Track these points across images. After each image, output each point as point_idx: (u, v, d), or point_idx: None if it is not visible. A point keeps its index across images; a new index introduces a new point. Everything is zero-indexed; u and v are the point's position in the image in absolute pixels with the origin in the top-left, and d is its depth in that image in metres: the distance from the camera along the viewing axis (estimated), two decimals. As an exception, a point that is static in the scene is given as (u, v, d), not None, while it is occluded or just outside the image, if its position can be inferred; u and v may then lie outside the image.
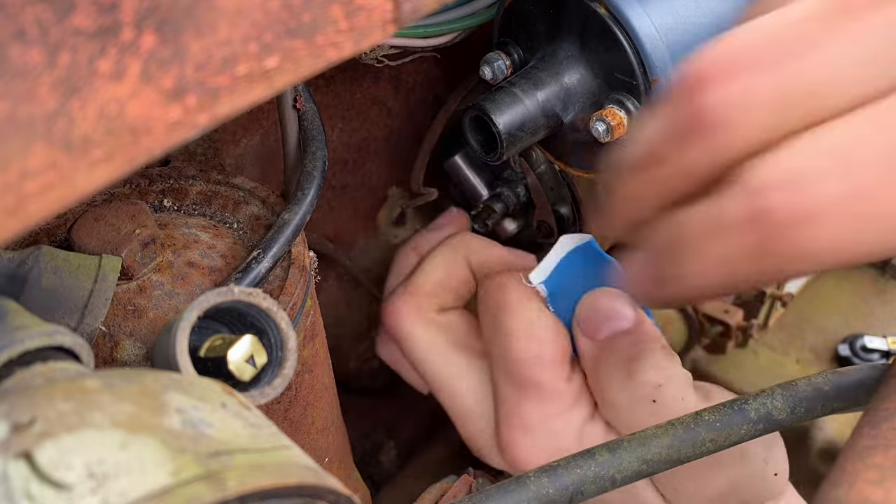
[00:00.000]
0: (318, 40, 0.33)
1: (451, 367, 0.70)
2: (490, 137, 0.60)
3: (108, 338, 0.50)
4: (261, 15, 0.31)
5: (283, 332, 0.45)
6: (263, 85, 0.32)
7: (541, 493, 0.48)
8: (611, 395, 0.63)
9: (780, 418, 0.51)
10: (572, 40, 0.60)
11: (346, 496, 0.35)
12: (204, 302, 0.43)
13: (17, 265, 0.46)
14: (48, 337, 0.37)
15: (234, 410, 0.36)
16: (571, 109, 0.61)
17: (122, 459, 0.31)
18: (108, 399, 0.33)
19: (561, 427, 0.64)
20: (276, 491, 0.33)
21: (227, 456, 0.32)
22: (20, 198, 0.27)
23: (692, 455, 0.51)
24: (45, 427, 0.31)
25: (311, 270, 0.58)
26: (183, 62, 0.30)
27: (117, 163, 0.30)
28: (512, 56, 0.63)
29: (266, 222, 0.58)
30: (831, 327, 1.26)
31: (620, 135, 0.58)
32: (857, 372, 0.51)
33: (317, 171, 0.57)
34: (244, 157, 0.70)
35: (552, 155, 0.66)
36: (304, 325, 0.56)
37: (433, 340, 0.70)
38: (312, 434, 0.61)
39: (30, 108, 0.27)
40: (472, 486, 0.67)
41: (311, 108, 0.60)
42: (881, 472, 0.39)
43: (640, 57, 0.57)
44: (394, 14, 0.35)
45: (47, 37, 0.26)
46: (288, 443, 0.37)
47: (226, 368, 0.43)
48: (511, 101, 0.59)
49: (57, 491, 0.30)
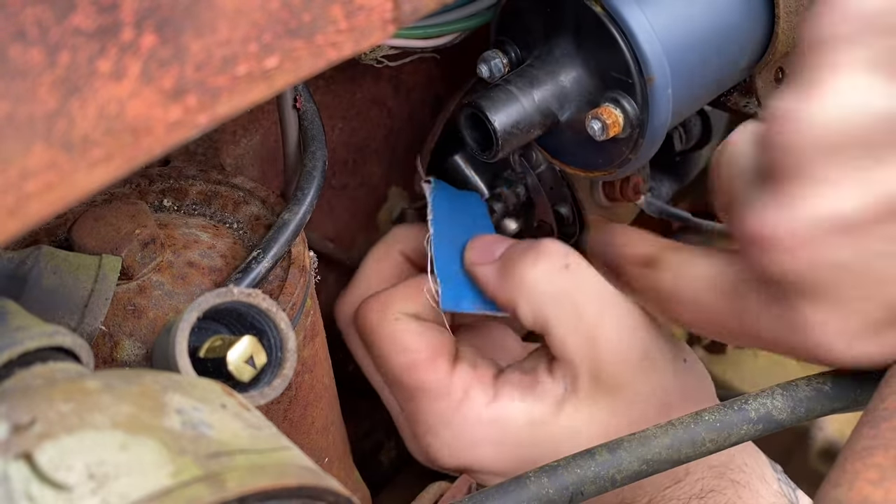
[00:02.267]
0: (318, 40, 0.33)
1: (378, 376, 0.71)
2: (486, 135, 0.60)
3: (107, 338, 0.50)
4: (261, 15, 0.31)
5: (283, 333, 0.45)
6: (263, 85, 0.32)
7: (541, 493, 0.48)
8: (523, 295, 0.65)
9: (780, 418, 0.51)
10: (568, 39, 0.60)
11: (345, 497, 0.35)
12: (203, 303, 0.43)
13: (17, 265, 0.46)
14: (48, 337, 0.37)
15: (233, 411, 0.36)
16: (567, 108, 0.61)
17: (123, 460, 0.31)
18: (108, 400, 0.33)
19: (462, 419, 0.65)
20: (276, 492, 0.33)
21: (227, 457, 0.32)
22: (20, 198, 0.27)
23: (692, 455, 0.51)
24: (45, 428, 0.31)
25: (311, 270, 0.58)
26: (183, 62, 0.30)
27: (117, 163, 0.30)
28: (509, 54, 0.63)
29: (266, 222, 0.58)
30: (831, 327, 1.26)
31: (615, 133, 0.58)
32: (857, 372, 0.51)
33: (317, 171, 0.57)
34: (244, 157, 0.70)
35: (549, 153, 0.66)
36: (304, 325, 0.56)
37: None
38: (312, 434, 0.61)
39: (30, 108, 0.27)
40: (472, 486, 0.67)
41: (311, 108, 0.60)
42: (881, 472, 0.39)
43: (635, 55, 0.57)
44: (394, 14, 0.35)
45: (47, 37, 0.26)
46: (288, 443, 0.37)
47: (225, 369, 0.43)
48: (507, 99, 0.59)
49: (57, 492, 0.30)
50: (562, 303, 0.64)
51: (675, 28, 0.58)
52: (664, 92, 0.57)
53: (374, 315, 0.67)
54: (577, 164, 0.65)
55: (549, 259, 0.64)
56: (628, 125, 0.59)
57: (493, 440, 0.65)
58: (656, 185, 0.86)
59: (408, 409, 0.68)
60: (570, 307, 0.63)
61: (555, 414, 0.64)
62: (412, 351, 0.66)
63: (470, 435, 0.65)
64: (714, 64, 0.60)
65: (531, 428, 0.65)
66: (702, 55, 0.59)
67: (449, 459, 0.67)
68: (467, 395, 0.66)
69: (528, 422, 0.65)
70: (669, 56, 0.57)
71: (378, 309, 0.67)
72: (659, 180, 0.87)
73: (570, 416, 0.64)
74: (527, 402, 0.65)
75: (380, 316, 0.67)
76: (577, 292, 0.64)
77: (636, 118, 0.58)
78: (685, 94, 0.59)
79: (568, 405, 0.64)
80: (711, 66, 0.60)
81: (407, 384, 0.66)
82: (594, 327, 0.63)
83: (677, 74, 0.58)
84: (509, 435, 0.65)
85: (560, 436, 0.64)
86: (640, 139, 0.59)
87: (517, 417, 0.65)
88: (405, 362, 0.66)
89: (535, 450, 0.65)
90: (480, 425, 0.65)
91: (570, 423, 0.64)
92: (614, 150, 0.62)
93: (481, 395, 0.66)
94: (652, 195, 0.83)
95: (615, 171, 0.63)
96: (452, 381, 0.66)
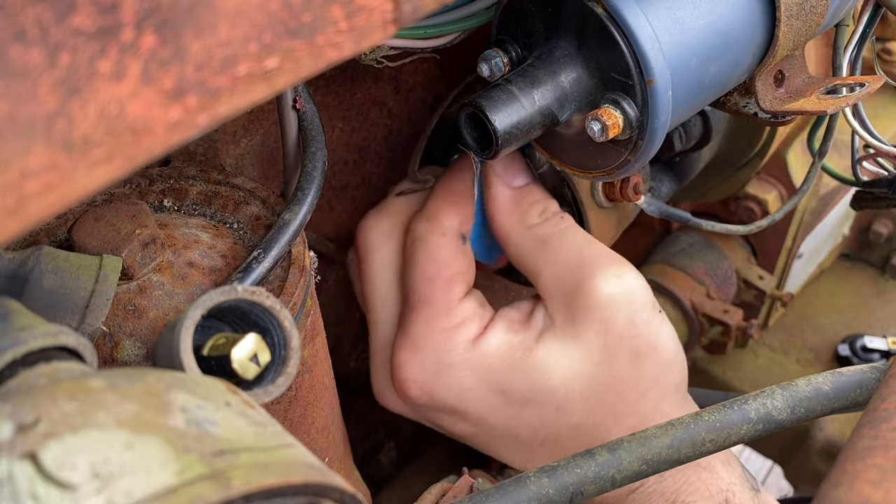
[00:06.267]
0: (318, 40, 0.33)
1: (385, 291, 0.75)
2: (486, 135, 0.60)
3: (108, 338, 0.50)
4: (261, 15, 0.31)
5: (287, 331, 0.45)
6: (263, 85, 0.32)
7: (541, 494, 0.48)
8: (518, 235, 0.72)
9: (780, 418, 0.51)
10: (569, 39, 0.60)
11: (350, 494, 0.35)
12: (207, 300, 0.43)
13: (19, 265, 0.46)
14: (52, 337, 0.37)
15: (238, 409, 0.36)
16: (567, 108, 0.61)
17: (127, 459, 0.31)
18: (113, 399, 0.33)
19: (445, 342, 0.70)
20: (282, 489, 0.33)
21: (231, 455, 0.32)
22: (20, 198, 0.27)
23: (692, 455, 0.51)
24: (49, 427, 0.31)
25: (311, 270, 0.58)
26: (183, 62, 0.30)
27: (117, 163, 0.30)
28: (510, 54, 0.63)
29: (266, 222, 0.58)
30: (831, 327, 1.26)
31: (615, 134, 0.58)
32: (856, 372, 0.52)
33: (317, 171, 0.57)
34: (244, 157, 0.70)
35: (548, 153, 0.66)
36: (305, 324, 0.57)
37: (384, 262, 0.75)
38: (312, 434, 0.61)
39: (30, 109, 0.27)
40: (472, 486, 0.67)
41: (311, 109, 0.60)
42: (881, 473, 0.39)
43: (636, 57, 0.56)
44: (394, 14, 0.35)
45: (47, 37, 0.26)
46: (292, 441, 0.37)
47: (229, 367, 0.43)
48: (507, 98, 0.59)
49: (62, 491, 0.30)
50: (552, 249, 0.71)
51: (677, 30, 0.58)
52: (664, 94, 0.57)
53: (424, 224, 0.72)
54: (577, 165, 0.65)
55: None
56: (628, 127, 0.59)
57: (470, 365, 0.69)
58: (656, 185, 0.86)
59: (406, 318, 0.72)
60: (558, 254, 0.71)
61: (532, 345, 0.69)
62: (441, 265, 0.70)
63: (448, 356, 0.69)
64: (715, 67, 0.60)
65: (508, 354, 0.69)
66: (702, 58, 0.59)
67: (413, 379, 0.70)
68: (463, 323, 0.70)
69: (507, 349, 0.69)
70: (670, 58, 0.57)
71: (430, 218, 0.72)
72: (659, 180, 0.87)
73: (545, 347, 0.69)
74: (510, 333, 0.70)
75: (429, 226, 0.72)
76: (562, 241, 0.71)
77: (636, 120, 0.58)
78: (685, 96, 0.59)
79: (547, 335, 0.70)
80: (712, 68, 0.60)
81: (419, 293, 0.71)
82: (577, 272, 0.70)
83: (678, 77, 0.58)
84: (488, 359, 0.69)
85: (531, 365, 0.69)
86: (639, 141, 0.59)
87: (499, 345, 0.70)
88: (431, 273, 0.70)
89: (508, 376, 0.69)
90: (462, 351, 0.69)
91: (545, 356, 0.69)
92: (614, 152, 0.62)
93: (475, 327, 0.70)
94: (652, 195, 0.83)
95: (615, 172, 0.63)
96: (458, 306, 0.70)
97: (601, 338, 0.68)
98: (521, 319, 0.71)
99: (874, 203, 0.86)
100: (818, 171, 0.85)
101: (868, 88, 0.65)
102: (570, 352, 0.69)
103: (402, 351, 0.71)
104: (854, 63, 0.73)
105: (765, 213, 1.05)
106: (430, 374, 0.70)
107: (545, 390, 0.69)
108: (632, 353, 0.69)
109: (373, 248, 0.75)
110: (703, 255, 1.12)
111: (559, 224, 0.71)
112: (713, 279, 1.11)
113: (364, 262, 0.76)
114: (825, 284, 1.31)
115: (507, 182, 0.73)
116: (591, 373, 0.68)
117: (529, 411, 0.70)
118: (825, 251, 1.25)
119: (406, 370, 0.70)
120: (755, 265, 1.14)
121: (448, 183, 0.73)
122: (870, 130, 0.75)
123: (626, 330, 0.68)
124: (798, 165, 1.04)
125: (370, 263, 0.75)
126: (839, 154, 1.03)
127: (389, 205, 0.76)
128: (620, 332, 0.68)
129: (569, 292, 0.69)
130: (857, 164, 0.80)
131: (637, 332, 0.69)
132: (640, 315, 0.69)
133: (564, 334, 0.69)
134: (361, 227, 0.76)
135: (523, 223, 0.72)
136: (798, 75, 0.67)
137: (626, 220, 0.84)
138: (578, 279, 0.69)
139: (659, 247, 1.15)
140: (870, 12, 0.71)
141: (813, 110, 0.65)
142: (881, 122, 1.11)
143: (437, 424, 0.74)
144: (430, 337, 0.70)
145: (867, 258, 1.33)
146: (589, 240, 0.71)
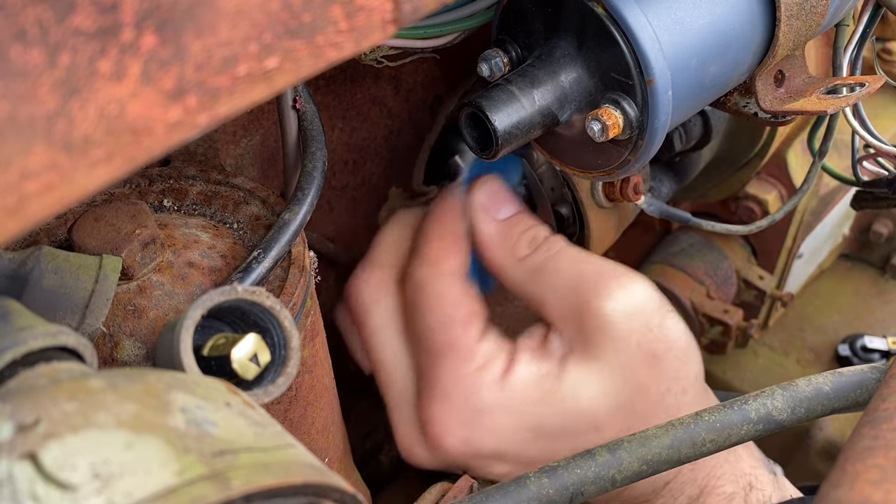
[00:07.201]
0: (318, 40, 0.33)
1: (393, 346, 0.72)
2: (486, 134, 0.60)
3: (108, 338, 0.50)
4: (261, 15, 0.31)
5: (287, 331, 0.45)
6: (263, 85, 0.32)
7: (541, 494, 0.48)
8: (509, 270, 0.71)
9: (780, 418, 0.51)
10: (570, 39, 0.60)
11: (350, 494, 0.35)
12: (207, 300, 0.43)
13: (18, 265, 0.46)
14: (52, 337, 0.37)
15: (238, 409, 0.36)
16: (567, 108, 0.61)
17: (127, 459, 0.31)
18: (113, 399, 0.33)
19: (474, 386, 0.67)
20: (282, 490, 0.32)
21: (231, 455, 0.32)
22: (20, 198, 0.27)
23: (692, 455, 0.51)
24: (49, 427, 0.31)
25: (311, 270, 0.58)
26: (183, 62, 0.30)
27: (117, 163, 0.30)
28: (510, 53, 0.63)
29: (266, 222, 0.58)
30: (831, 327, 1.26)
31: (615, 134, 0.58)
32: (857, 372, 0.52)
33: (317, 171, 0.57)
34: (244, 157, 0.70)
35: (548, 153, 0.66)
36: (305, 325, 0.56)
37: (385, 317, 0.73)
38: (312, 434, 0.61)
39: (30, 109, 0.27)
40: (473, 486, 0.67)
41: (311, 109, 0.60)
42: (881, 473, 0.39)
43: (636, 57, 0.56)
44: (394, 14, 0.35)
45: (47, 37, 0.26)
46: (292, 441, 0.37)
47: (229, 367, 0.43)
48: (507, 98, 0.59)
49: (62, 491, 0.30)
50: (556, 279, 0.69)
51: (677, 30, 0.58)
52: (664, 94, 0.57)
53: (424, 270, 0.70)
54: (577, 165, 0.65)
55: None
56: (628, 127, 0.59)
57: (503, 404, 0.67)
58: (656, 185, 0.86)
59: (427, 367, 0.69)
60: (561, 281, 0.69)
61: (558, 372, 0.68)
62: (453, 307, 0.68)
63: (480, 400, 0.67)
64: (715, 66, 0.60)
65: (538, 385, 0.67)
66: (703, 58, 0.59)
67: (448, 429, 0.68)
68: (488, 363, 0.68)
69: (536, 380, 0.68)
70: (670, 58, 0.57)
71: (430, 263, 0.70)
72: (659, 180, 0.87)
73: (570, 373, 0.67)
74: (534, 364, 0.68)
75: (430, 271, 0.70)
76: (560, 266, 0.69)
77: (636, 120, 0.58)
78: (685, 96, 0.59)
79: (569, 362, 0.68)
80: (712, 68, 0.60)
81: (436, 341, 0.68)
82: (581, 294, 0.68)
83: (678, 77, 0.58)
84: (520, 395, 0.67)
85: (562, 394, 0.67)
86: (639, 141, 0.59)
87: (527, 379, 0.68)
88: (443, 318, 0.68)
89: (542, 408, 0.67)
90: (492, 391, 0.67)
91: (573, 383, 0.67)
92: (614, 152, 0.62)
93: (500, 364, 0.68)
94: (652, 195, 0.83)
95: (615, 172, 0.63)
96: (479, 346, 0.68)
97: (620, 354, 0.67)
98: (538, 347, 0.70)
99: (874, 203, 0.86)
100: (818, 171, 0.85)
101: (868, 88, 0.65)
102: (594, 375, 0.67)
103: (432, 404, 0.68)
104: (854, 63, 0.73)
105: (765, 213, 1.05)
106: (465, 422, 0.68)
107: (579, 416, 0.68)
108: (650, 357, 0.68)
109: (370, 303, 0.73)
110: (703, 255, 1.12)
111: (550, 249, 0.70)
112: (713, 279, 1.11)
113: (364, 320, 0.73)
114: (825, 284, 1.31)
115: (493, 214, 0.72)
116: (616, 389, 0.67)
117: (566, 438, 0.68)
118: (825, 251, 1.25)
119: (440, 424, 0.68)
120: (755, 265, 1.14)
121: (439, 222, 0.72)
122: (870, 130, 0.75)
123: (642, 337, 0.68)
124: (798, 165, 1.04)
125: (371, 319, 0.73)
126: (839, 154, 1.03)
127: (376, 257, 0.74)
128: (638, 342, 0.67)
129: (577, 316, 0.68)
130: (857, 164, 0.80)
131: (652, 336, 0.68)
132: (652, 320, 0.68)
133: (585, 357, 0.68)
134: (352, 285, 0.74)
135: (514, 256, 0.71)
136: (798, 75, 0.67)
137: (627, 220, 0.84)
138: (584, 301, 0.67)
139: (659, 247, 1.15)
140: (870, 12, 0.71)
141: (813, 110, 0.65)
142: (881, 122, 1.11)
143: (473, 469, 0.72)
144: (458, 384, 0.67)
145: (867, 258, 1.33)
146: (585, 257, 0.70)
